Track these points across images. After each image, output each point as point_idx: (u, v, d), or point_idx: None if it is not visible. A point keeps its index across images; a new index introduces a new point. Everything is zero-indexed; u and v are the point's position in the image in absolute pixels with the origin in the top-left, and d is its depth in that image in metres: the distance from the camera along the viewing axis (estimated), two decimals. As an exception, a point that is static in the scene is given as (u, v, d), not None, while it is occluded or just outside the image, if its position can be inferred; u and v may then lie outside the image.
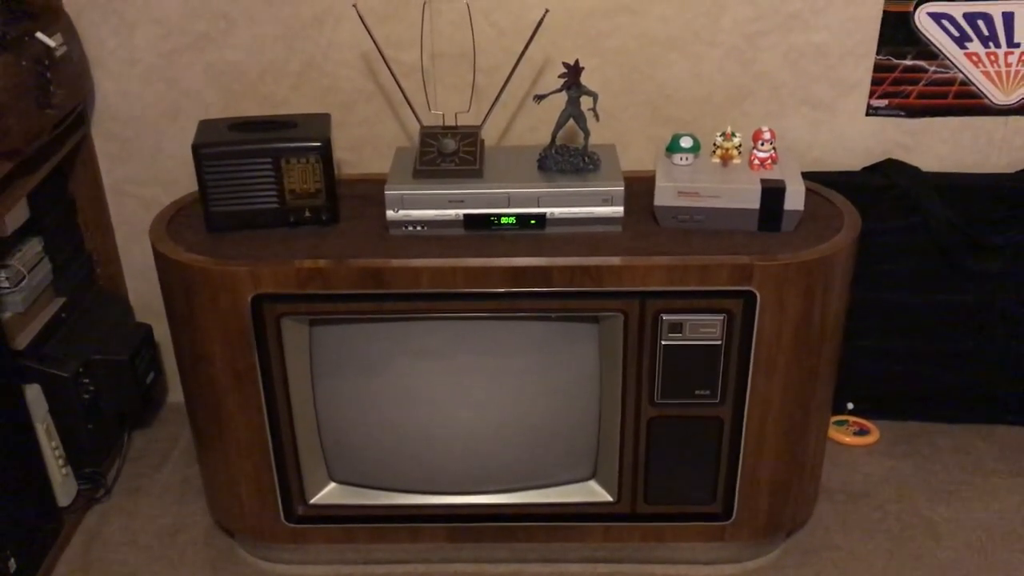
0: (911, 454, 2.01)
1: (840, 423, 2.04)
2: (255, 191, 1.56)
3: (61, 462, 1.82)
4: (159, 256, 1.55)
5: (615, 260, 1.47)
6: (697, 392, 1.55)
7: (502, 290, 1.48)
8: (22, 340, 1.78)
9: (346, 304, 1.50)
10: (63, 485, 1.83)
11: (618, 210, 1.54)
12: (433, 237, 1.54)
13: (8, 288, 1.77)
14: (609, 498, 1.67)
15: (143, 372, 1.92)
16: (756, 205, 1.51)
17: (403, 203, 1.54)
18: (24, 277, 1.79)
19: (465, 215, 1.54)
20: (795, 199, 1.50)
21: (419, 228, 1.55)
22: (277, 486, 1.66)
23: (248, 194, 1.56)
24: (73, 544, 1.83)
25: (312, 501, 1.70)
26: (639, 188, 1.58)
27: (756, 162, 1.55)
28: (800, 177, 1.52)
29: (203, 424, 1.67)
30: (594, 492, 1.68)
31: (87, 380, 1.85)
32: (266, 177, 1.55)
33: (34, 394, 1.76)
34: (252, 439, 1.62)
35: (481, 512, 1.69)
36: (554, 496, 1.68)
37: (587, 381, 1.58)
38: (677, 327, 1.50)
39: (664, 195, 1.53)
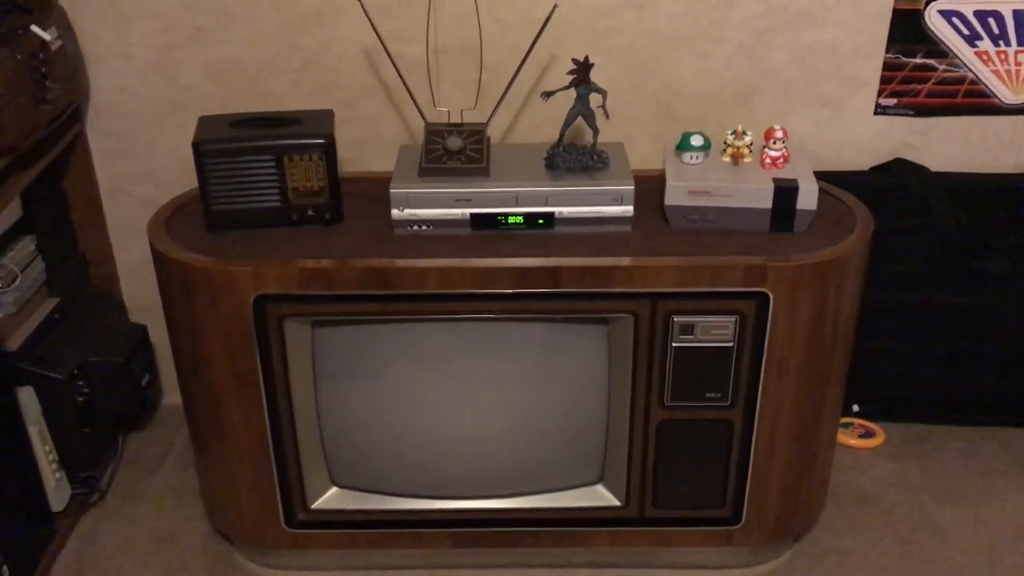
0: (918, 456, 1.99)
1: (846, 425, 2.01)
2: (257, 189, 1.52)
3: (55, 466, 1.78)
4: (158, 256, 1.51)
5: (625, 260, 1.44)
6: (708, 395, 1.52)
7: (510, 291, 1.45)
8: (14, 341, 1.74)
9: (350, 305, 1.47)
10: (57, 489, 1.79)
11: (628, 209, 1.51)
12: (439, 237, 1.51)
13: (0, 288, 1.73)
14: (616, 502, 1.64)
15: (139, 374, 1.88)
16: (768, 205, 1.48)
17: (408, 202, 1.51)
18: (17, 277, 1.75)
19: (472, 214, 1.51)
20: (808, 198, 1.48)
21: (425, 227, 1.52)
22: (278, 491, 1.63)
23: (250, 192, 1.52)
24: (67, 550, 1.79)
25: (314, 506, 1.66)
26: (647, 187, 1.56)
27: (768, 161, 1.52)
28: (813, 176, 1.50)
29: (202, 428, 1.64)
30: (601, 496, 1.65)
31: (81, 382, 1.81)
32: (268, 175, 1.51)
33: (27, 397, 1.72)
34: (253, 443, 1.58)
35: (486, 517, 1.66)
36: (560, 500, 1.65)
37: (595, 384, 1.55)
38: (688, 329, 1.47)
39: (675, 194, 1.50)
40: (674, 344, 1.48)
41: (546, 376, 1.55)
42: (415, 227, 1.52)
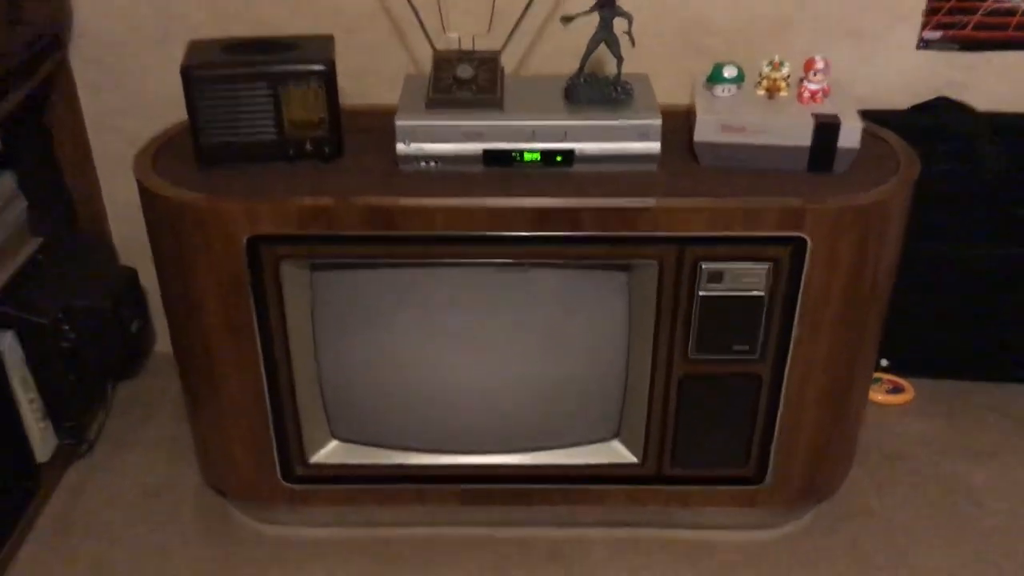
0: (948, 414, 1.89)
1: (874, 380, 1.91)
2: (251, 120, 1.40)
3: (39, 415, 1.68)
4: (144, 193, 1.40)
5: (650, 202, 1.33)
6: (735, 348, 1.42)
7: (524, 234, 1.34)
8: (-7, 284, 1.64)
9: (352, 247, 1.36)
10: (41, 440, 1.70)
11: (654, 146, 1.39)
12: (448, 174, 1.39)
13: (-22, 227, 1.62)
14: (633, 459, 1.55)
15: (128, 320, 1.78)
16: (807, 142, 1.36)
17: (415, 135, 1.39)
18: (-5, 217, 1.64)
19: (484, 150, 1.39)
20: (851, 136, 1.36)
21: (433, 164, 1.40)
22: (275, 444, 1.53)
23: (243, 124, 1.40)
24: (53, 502, 1.70)
25: (312, 460, 1.57)
26: (674, 123, 1.43)
27: (807, 95, 1.40)
28: (856, 112, 1.37)
29: (194, 379, 1.54)
30: (617, 453, 1.56)
31: (67, 327, 1.70)
32: (263, 105, 1.39)
33: (8, 342, 1.61)
34: (248, 394, 1.48)
35: (495, 473, 1.57)
36: (574, 457, 1.56)
37: (615, 334, 1.45)
38: (717, 276, 1.36)
39: (705, 130, 1.38)
40: (701, 293, 1.37)
41: (562, 326, 1.45)
42: (422, 163, 1.40)
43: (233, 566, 1.59)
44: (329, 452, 1.57)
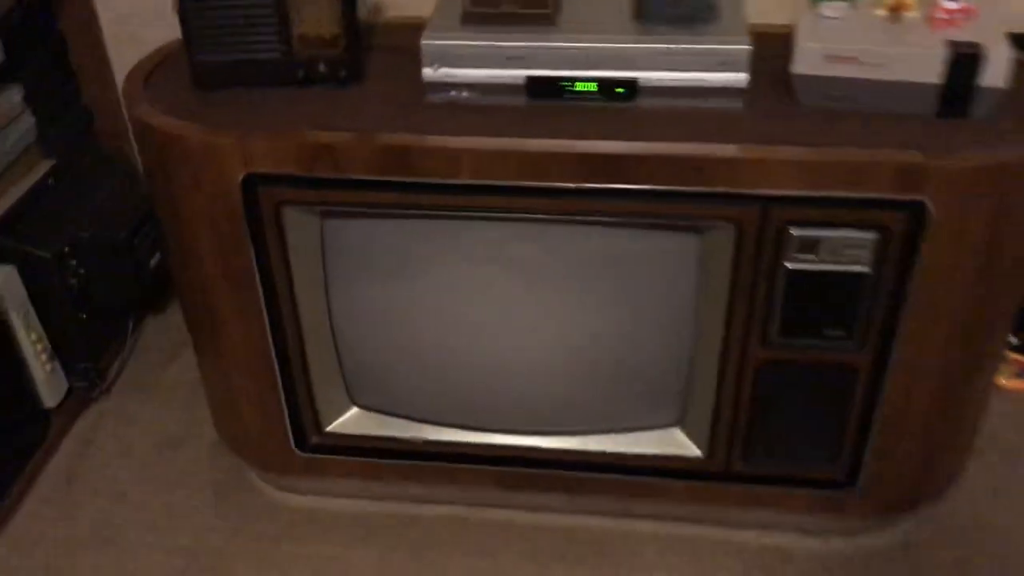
0: (1088, 406, 1.59)
1: (998, 362, 1.61)
2: (253, 35, 1.18)
3: (44, 357, 1.54)
4: (133, 120, 1.20)
5: (731, 150, 1.06)
6: (827, 332, 1.16)
7: (572, 185, 1.09)
8: (-7, 211, 1.48)
9: (361, 193, 1.13)
10: (48, 383, 1.55)
11: (740, 78, 1.11)
12: (483, 107, 1.14)
13: (-27, 147, 1.46)
14: (697, 452, 1.31)
15: (146, 253, 1.61)
16: (937, 78, 1.06)
17: (445, 58, 1.15)
18: (-9, 134, 1.47)
19: (528, 78, 1.14)
20: (996, 71, 1.05)
21: (466, 93, 1.16)
22: (285, 409, 1.34)
23: (244, 39, 1.18)
24: (60, 453, 1.57)
25: (328, 428, 1.38)
26: (766, 50, 1.15)
27: (941, 17, 1.09)
28: (1006, 40, 1.06)
29: (197, 331, 1.36)
30: (678, 443, 1.32)
31: (74, 262, 1.54)
32: (267, 16, 1.16)
33: (7, 277, 1.46)
34: (252, 353, 1.30)
35: (537, 457, 1.35)
36: (628, 444, 1.33)
37: (680, 309, 1.20)
38: (810, 245, 1.09)
39: (807, 60, 1.09)
40: (789, 265, 1.11)
41: (617, 293, 1.20)
42: (453, 92, 1.16)
43: (242, 539, 1.42)
44: (348, 420, 1.38)
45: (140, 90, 1.22)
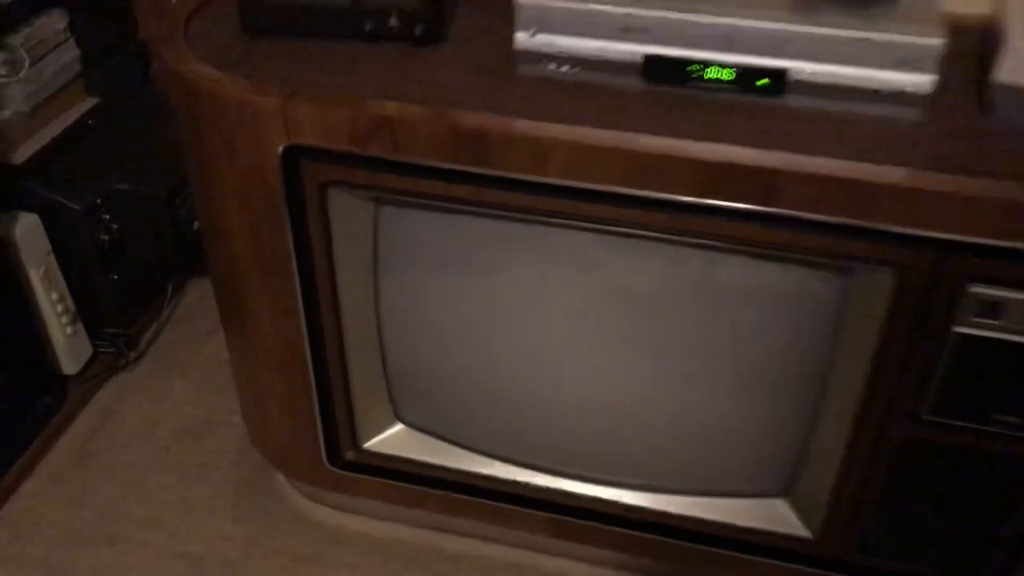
0: None
1: None
2: (315, -26, 0.96)
3: (66, 319, 1.37)
4: (161, 64, 0.99)
5: (902, 175, 0.81)
6: (995, 417, 0.90)
7: (690, 199, 0.85)
8: (21, 152, 1.31)
9: (428, 182, 0.91)
10: (68, 347, 1.39)
11: (925, 81, 0.86)
12: (587, 87, 0.91)
13: (2, 77, 1.28)
14: (804, 532, 1.07)
15: (188, 214, 1.42)
16: None
17: (545, 21, 0.92)
18: (23, 64, 1.29)
19: (647, 56, 0.90)
20: None
21: (566, 68, 0.92)
22: (318, 418, 1.15)
23: (304, -22, 0.97)
24: (76, 427, 1.41)
25: (367, 445, 1.18)
26: (956, 47, 0.89)
27: None
28: None
29: (226, 316, 1.17)
30: (781, 518, 1.08)
31: (108, 216, 1.37)
32: (333, -48, 0.95)
33: (28, 226, 1.29)
34: (285, 350, 1.10)
35: (605, 510, 1.13)
36: (717, 510, 1.10)
37: (808, 362, 0.95)
38: (993, 309, 0.84)
39: (1017, 65, 0.83)
40: (960, 329, 0.85)
41: (731, 335, 0.96)
42: (551, 66, 0.93)
43: (259, 552, 1.24)
44: (391, 439, 1.18)
45: (177, 31, 1.02)
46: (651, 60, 0.90)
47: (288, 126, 0.91)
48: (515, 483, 1.15)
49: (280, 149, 0.92)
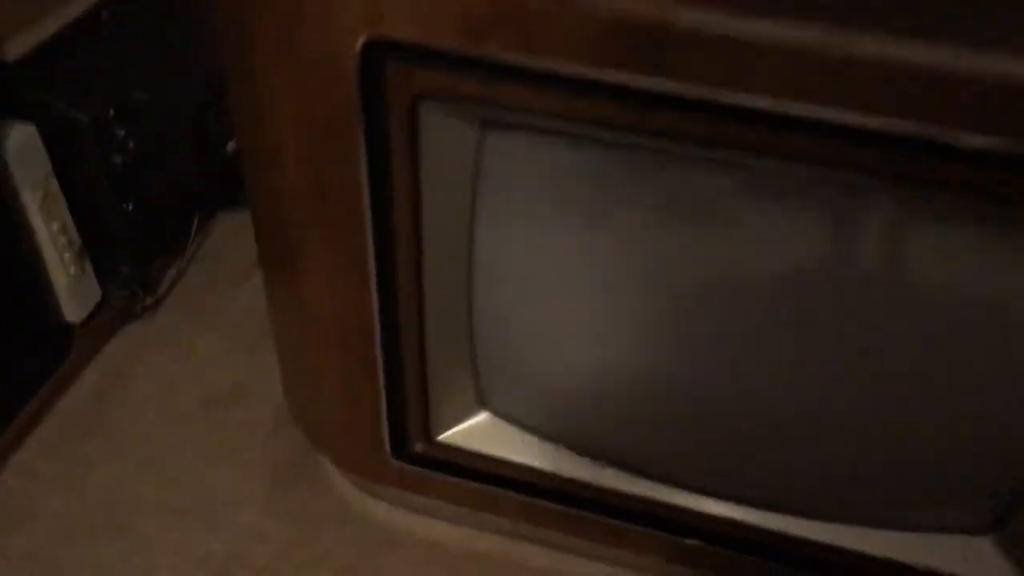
0: None
1: None
2: None
3: (70, 254, 1.12)
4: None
5: None
6: None
7: (981, 142, 0.58)
8: (14, 47, 1.04)
9: (569, 97, 0.64)
10: (71, 290, 1.14)
11: None
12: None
13: (-10, -53, 1.01)
14: (1015, 581, 0.82)
15: (221, 133, 1.16)
16: None
17: None
18: (18, -67, 1.02)
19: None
20: None
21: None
22: (383, 403, 0.90)
23: None
24: (78, 389, 1.16)
25: (441, 437, 0.93)
26: None
27: None
28: None
29: (270, 265, 0.92)
30: (985, 561, 0.83)
31: (122, 132, 1.11)
32: None
33: (21, 139, 1.03)
34: (345, 315, 0.85)
35: (749, 536, 0.88)
36: (901, 547, 0.85)
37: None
38: None
39: None
40: None
41: (956, 334, 0.70)
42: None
43: (295, 556, 1.01)
44: (472, 430, 0.93)
45: None
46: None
47: (371, 11, 0.64)
48: (631, 498, 0.90)
49: (358, 45, 0.66)
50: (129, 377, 1.18)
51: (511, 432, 0.92)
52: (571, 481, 0.91)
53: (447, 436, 0.93)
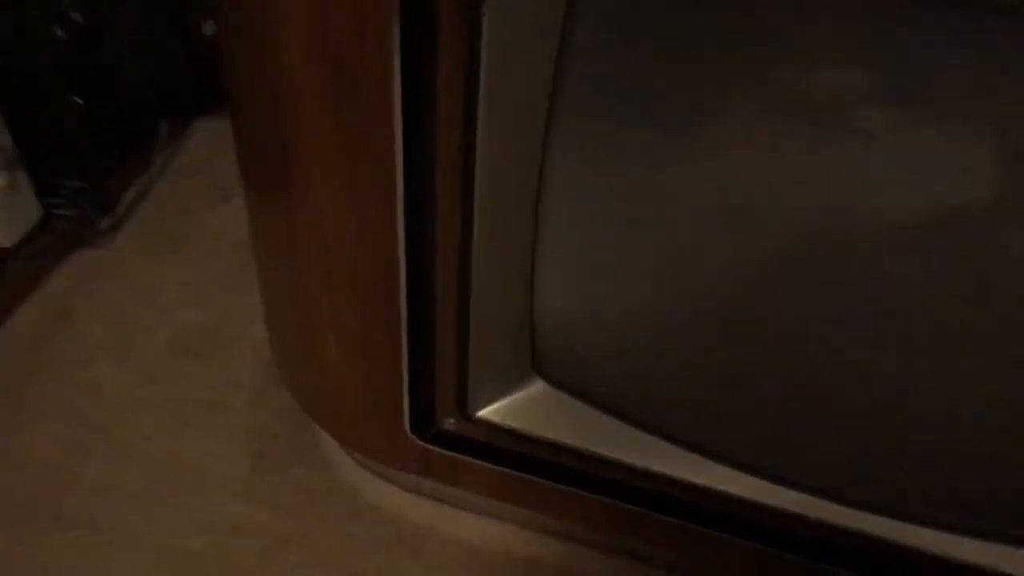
0: None
1: None
2: None
3: (0, 159, 0.88)
4: None
5: None
6: None
7: None
8: None
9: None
10: (3, 206, 0.91)
11: None
12: None
13: None
14: None
15: (197, 14, 0.92)
16: None
17: None
18: None
19: None
20: None
21: None
22: (405, 367, 0.67)
23: None
24: (11, 330, 0.93)
25: (482, 414, 0.71)
26: None
27: None
28: None
29: (257, 182, 0.68)
30: None
31: (78, 14, 0.86)
32: None
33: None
34: (357, 248, 0.62)
35: (851, 545, 0.67)
36: (982, 553, 0.64)
37: None
38: None
39: None
40: None
41: None
42: None
43: (290, 557, 0.79)
44: (520, 404, 0.71)
45: None
46: None
47: None
48: (718, 493, 0.68)
49: None
50: (76, 317, 0.95)
51: (571, 408, 0.70)
52: (645, 474, 0.70)
53: (488, 412, 0.71)
